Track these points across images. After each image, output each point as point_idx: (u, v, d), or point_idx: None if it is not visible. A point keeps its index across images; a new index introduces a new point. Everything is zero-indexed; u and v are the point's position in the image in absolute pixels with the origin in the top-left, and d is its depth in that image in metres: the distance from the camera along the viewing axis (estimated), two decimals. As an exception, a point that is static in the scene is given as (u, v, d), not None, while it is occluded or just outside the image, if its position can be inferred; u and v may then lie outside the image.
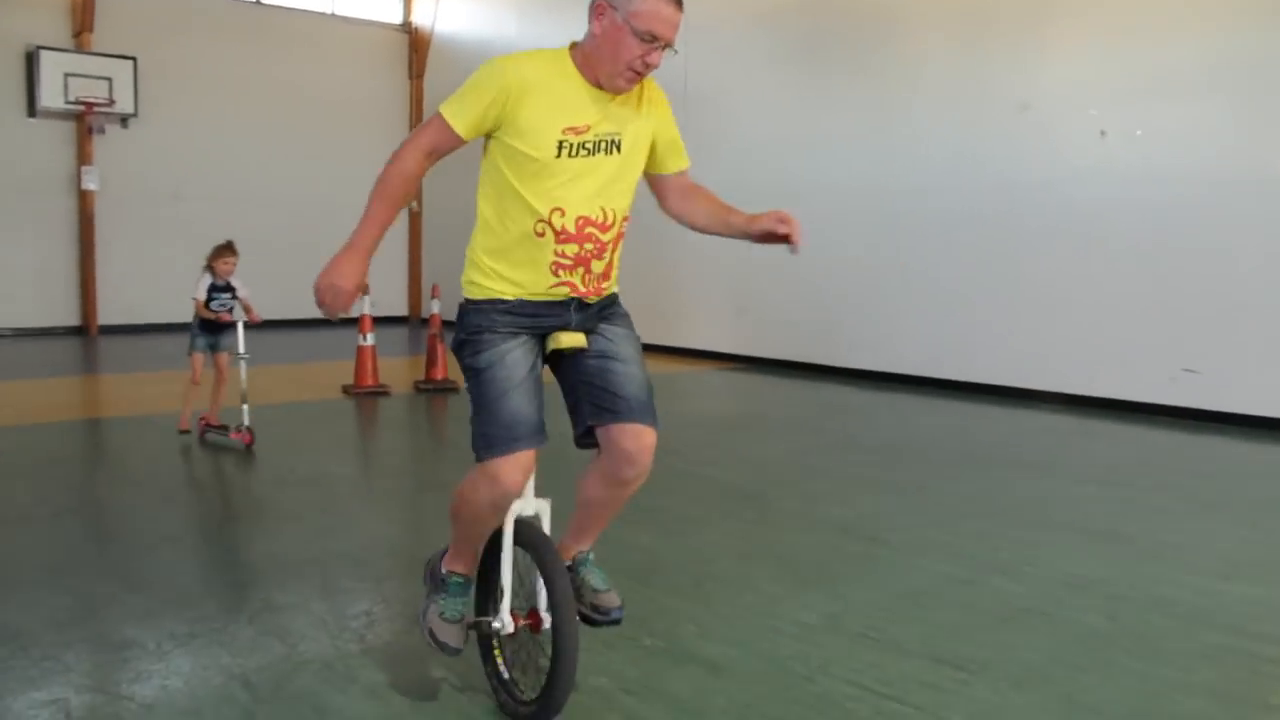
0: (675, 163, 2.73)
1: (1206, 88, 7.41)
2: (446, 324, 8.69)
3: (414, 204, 14.25)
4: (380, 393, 7.92)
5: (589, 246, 2.53)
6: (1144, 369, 7.81)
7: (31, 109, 11.51)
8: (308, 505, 4.76)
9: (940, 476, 5.72)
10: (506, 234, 2.53)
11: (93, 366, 9.36)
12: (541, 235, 2.49)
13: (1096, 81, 7.97)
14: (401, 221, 14.27)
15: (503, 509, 2.51)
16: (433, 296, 8.56)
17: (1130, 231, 7.79)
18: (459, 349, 2.59)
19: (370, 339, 7.96)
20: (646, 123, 2.60)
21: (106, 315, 11.86)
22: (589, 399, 2.60)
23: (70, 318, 11.81)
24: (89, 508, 4.73)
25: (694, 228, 2.81)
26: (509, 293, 2.54)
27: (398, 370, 9.12)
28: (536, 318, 2.56)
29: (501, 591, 2.61)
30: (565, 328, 2.59)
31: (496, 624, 2.62)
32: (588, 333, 2.61)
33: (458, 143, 2.49)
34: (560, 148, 2.44)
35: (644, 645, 3.22)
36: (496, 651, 2.76)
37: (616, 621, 2.75)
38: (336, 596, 3.60)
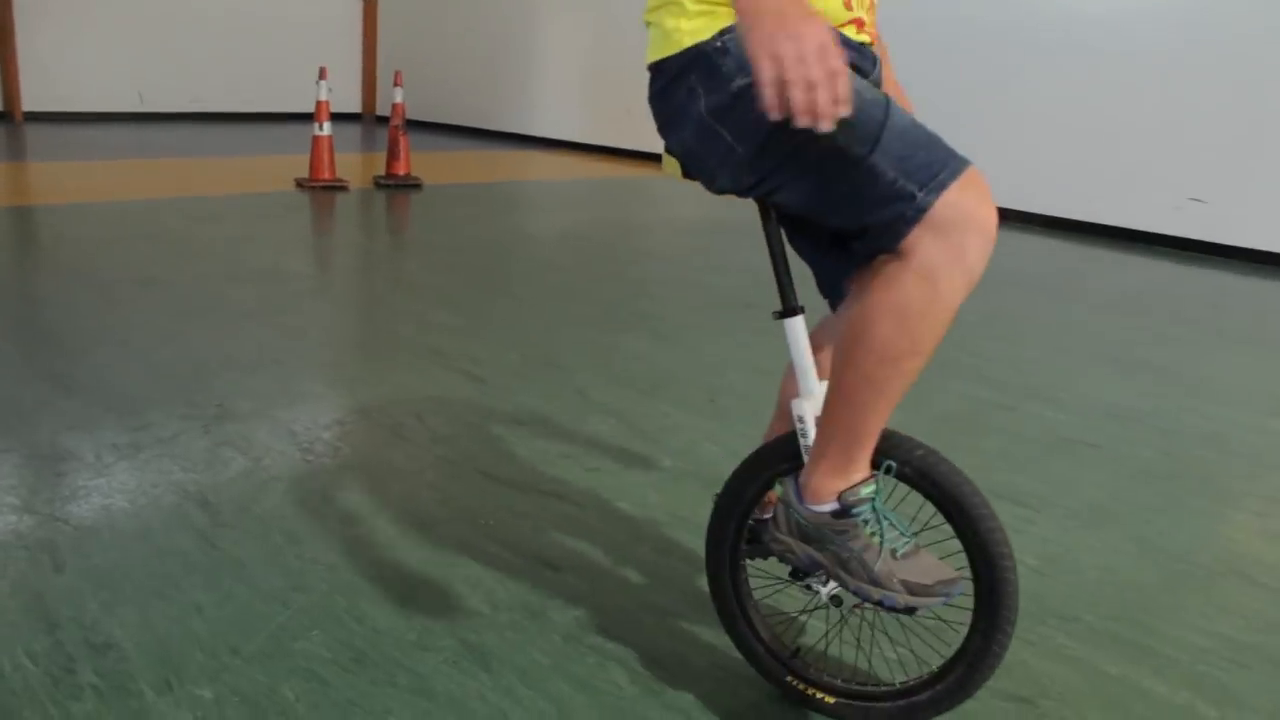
0: None
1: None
2: (412, 122, 8.05)
3: (368, -11, 13.16)
4: (338, 187, 7.29)
5: None
6: (1148, 196, 7.39)
7: None
8: (264, 302, 4.25)
9: (949, 295, 5.32)
10: None
11: (19, 154, 8.56)
12: None
13: None
14: (353, 7, 13.21)
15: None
16: (395, 85, 7.83)
17: (1146, 45, 7.22)
18: (737, 107, 1.49)
19: (327, 128, 7.26)
20: None
21: (33, 102, 10.90)
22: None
23: (-8, 101, 10.87)
24: (12, 302, 4.18)
25: None
26: None
27: (354, 166, 8.45)
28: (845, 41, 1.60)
29: None
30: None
31: (833, 589, 1.77)
32: None
33: None
34: None
35: (663, 466, 2.83)
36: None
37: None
38: (304, 403, 3.14)
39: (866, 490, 1.58)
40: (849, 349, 1.53)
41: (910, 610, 1.56)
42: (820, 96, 1.22)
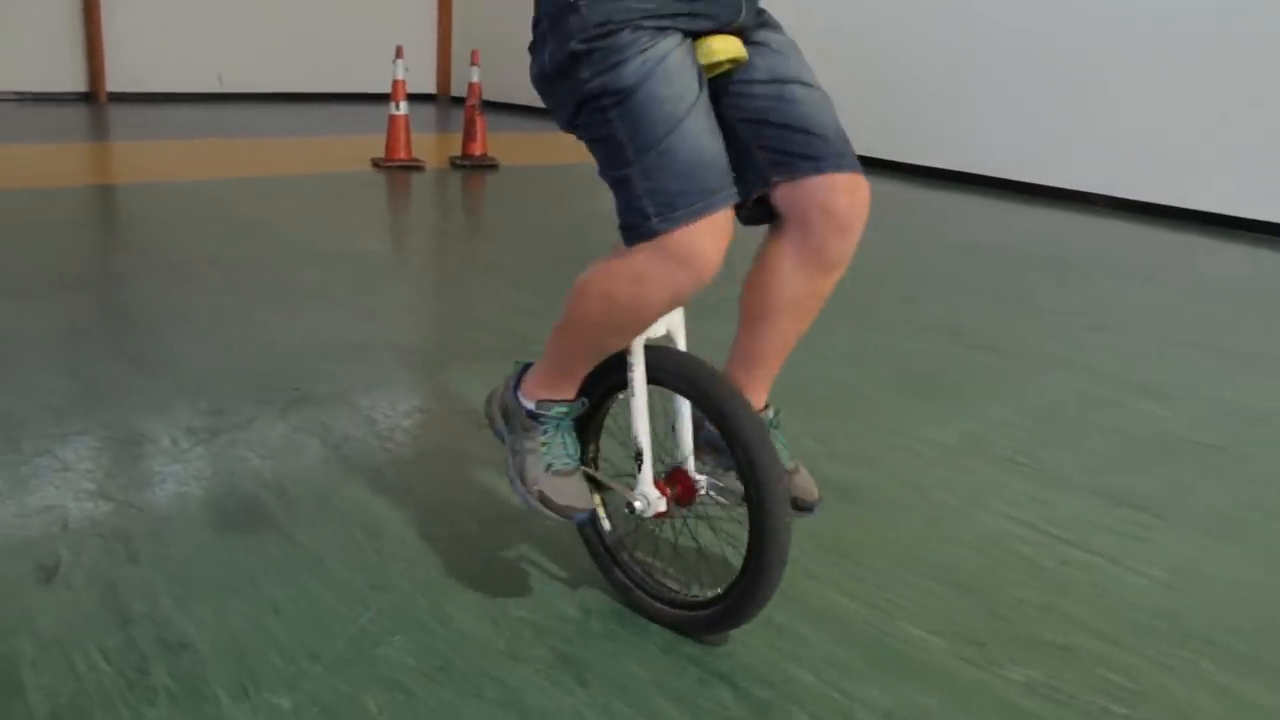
0: None
1: None
2: (488, 102, 7.94)
3: (443, -33, 13.08)
4: (414, 167, 7.23)
5: None
6: (1252, 182, 7.04)
7: None
8: (341, 284, 4.17)
9: (1043, 283, 5.09)
10: None
11: (102, 134, 8.63)
12: None
13: None
14: (429, -10, 13.15)
15: (681, 303, 1.63)
16: (472, 64, 7.74)
17: (1256, 22, 6.86)
18: (568, 67, 1.59)
19: (403, 108, 7.20)
20: None
21: (116, 82, 11.02)
22: (763, 145, 1.69)
23: (77, 83, 10.98)
24: (92, 279, 4.15)
25: None
26: None
27: (430, 146, 8.38)
28: (693, 1, 1.61)
29: (639, 453, 1.83)
30: (726, 28, 1.65)
31: (639, 504, 1.83)
32: (746, 41, 1.70)
33: None
34: None
35: (756, 465, 2.68)
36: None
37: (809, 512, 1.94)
38: (382, 388, 3.05)
39: (556, 410, 1.82)
40: (571, 301, 1.72)
41: (538, 512, 1.79)
42: None
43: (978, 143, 8.31)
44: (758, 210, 1.77)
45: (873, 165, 8.88)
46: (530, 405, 1.83)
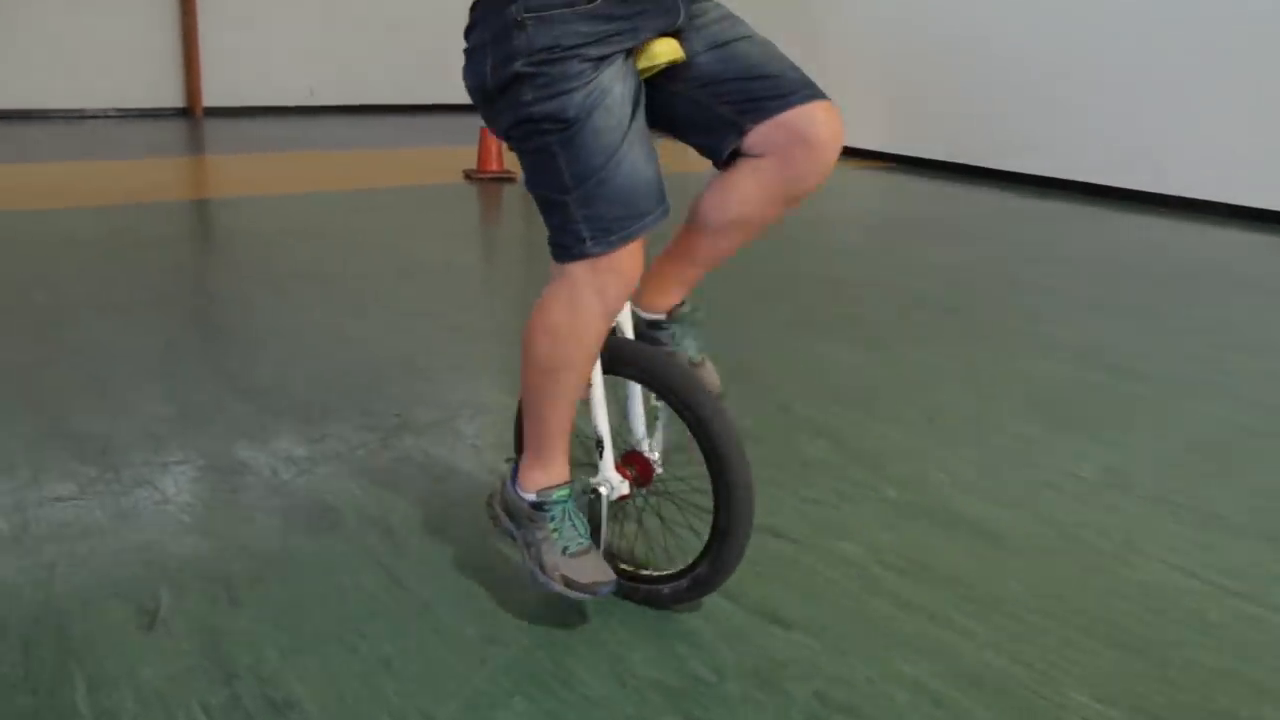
0: None
1: None
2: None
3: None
4: (505, 178, 7.16)
5: None
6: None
7: None
8: (438, 298, 4.08)
9: (1169, 298, 4.81)
10: None
11: (198, 148, 8.71)
12: None
13: None
14: None
15: (615, 315, 1.70)
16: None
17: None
18: (510, 86, 1.59)
19: (495, 120, 7.13)
20: None
21: (212, 97, 11.18)
22: (725, 101, 1.69)
23: (174, 98, 11.16)
24: (190, 296, 4.12)
25: None
26: None
27: (520, 158, 8.32)
28: (635, 18, 1.60)
29: (600, 441, 1.90)
30: (666, 30, 1.67)
31: (604, 489, 1.91)
32: (679, 36, 1.71)
33: None
34: None
35: (887, 498, 2.49)
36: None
37: None
38: (486, 415, 2.92)
39: (559, 494, 1.84)
40: (522, 363, 1.78)
41: (565, 597, 1.80)
42: None
43: (1084, 148, 7.97)
44: (732, 160, 1.77)
45: (971, 173, 8.60)
46: (531, 497, 1.85)
